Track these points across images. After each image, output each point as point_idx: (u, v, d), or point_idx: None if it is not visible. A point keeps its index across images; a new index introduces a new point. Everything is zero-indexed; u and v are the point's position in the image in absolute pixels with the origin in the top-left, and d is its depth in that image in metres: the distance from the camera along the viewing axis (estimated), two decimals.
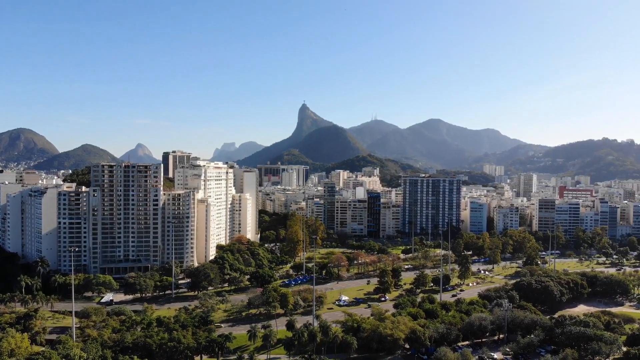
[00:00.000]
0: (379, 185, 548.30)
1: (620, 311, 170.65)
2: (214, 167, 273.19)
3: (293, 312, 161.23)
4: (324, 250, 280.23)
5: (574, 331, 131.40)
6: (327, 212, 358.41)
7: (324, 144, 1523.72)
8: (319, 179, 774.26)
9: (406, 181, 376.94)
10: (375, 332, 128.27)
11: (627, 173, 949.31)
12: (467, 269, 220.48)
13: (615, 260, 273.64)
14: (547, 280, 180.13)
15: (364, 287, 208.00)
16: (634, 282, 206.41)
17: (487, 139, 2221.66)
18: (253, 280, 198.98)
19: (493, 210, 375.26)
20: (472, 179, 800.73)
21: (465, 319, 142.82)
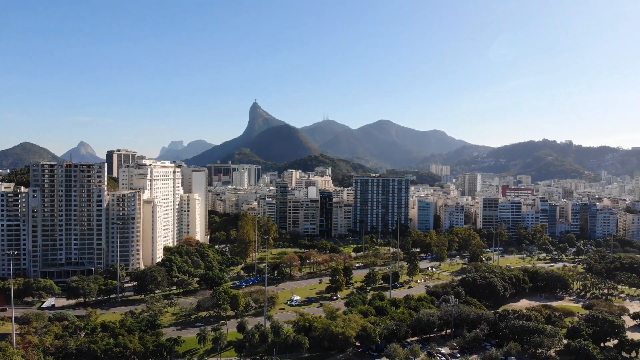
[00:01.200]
0: (331, 185, 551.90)
1: (561, 305, 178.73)
2: (160, 166, 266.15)
3: (244, 314, 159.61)
4: (276, 251, 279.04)
5: (517, 325, 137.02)
6: (280, 212, 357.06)
7: (276, 143, 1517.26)
8: (271, 178, 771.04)
9: (357, 181, 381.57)
10: (326, 331, 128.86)
11: (565, 173, 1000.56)
12: (415, 266, 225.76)
13: (555, 256, 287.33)
14: (491, 276, 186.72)
15: (316, 286, 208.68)
16: (573, 277, 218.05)
17: (434, 140, 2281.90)
18: (202, 283, 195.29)
19: (440, 209, 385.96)
20: (420, 179, 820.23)
21: (414, 315, 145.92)
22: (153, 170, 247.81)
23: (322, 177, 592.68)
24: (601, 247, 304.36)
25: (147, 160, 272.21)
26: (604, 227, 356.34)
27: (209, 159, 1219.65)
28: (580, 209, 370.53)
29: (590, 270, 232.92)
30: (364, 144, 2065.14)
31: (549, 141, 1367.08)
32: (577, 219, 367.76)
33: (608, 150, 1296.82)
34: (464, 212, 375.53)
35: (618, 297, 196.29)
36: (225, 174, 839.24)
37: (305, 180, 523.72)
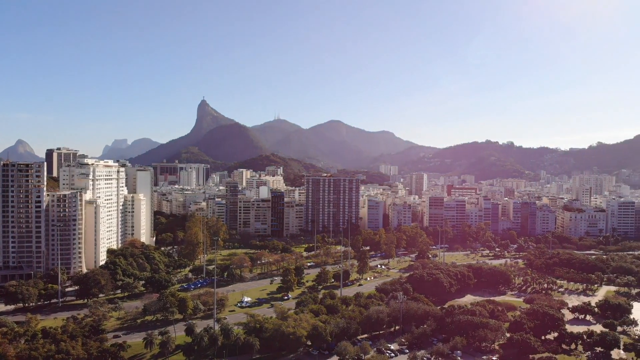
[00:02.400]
0: (282, 185, 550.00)
1: (503, 300, 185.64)
2: (103, 165, 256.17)
3: (193, 317, 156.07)
4: (226, 252, 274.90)
5: (462, 320, 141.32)
6: (230, 212, 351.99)
7: (226, 142, 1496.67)
8: (220, 178, 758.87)
9: (309, 180, 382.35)
10: (277, 332, 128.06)
11: (507, 172, 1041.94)
12: (365, 264, 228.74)
13: (497, 253, 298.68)
14: (438, 273, 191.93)
15: (267, 287, 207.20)
16: (515, 273, 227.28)
17: (383, 141, 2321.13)
18: (148, 286, 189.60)
19: (388, 208, 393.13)
20: (370, 178, 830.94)
21: (364, 312, 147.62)
22: (95, 169, 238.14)
23: (274, 177, 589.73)
24: (541, 243, 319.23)
25: (89, 159, 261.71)
26: (543, 224, 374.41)
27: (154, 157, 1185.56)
28: (521, 207, 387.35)
29: (530, 266, 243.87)
30: (315, 144, 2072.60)
31: (492, 142, 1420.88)
32: (518, 217, 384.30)
33: (547, 151, 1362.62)
34: (412, 211, 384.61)
35: (557, 291, 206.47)
36: (172, 174, 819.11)
37: (256, 179, 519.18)
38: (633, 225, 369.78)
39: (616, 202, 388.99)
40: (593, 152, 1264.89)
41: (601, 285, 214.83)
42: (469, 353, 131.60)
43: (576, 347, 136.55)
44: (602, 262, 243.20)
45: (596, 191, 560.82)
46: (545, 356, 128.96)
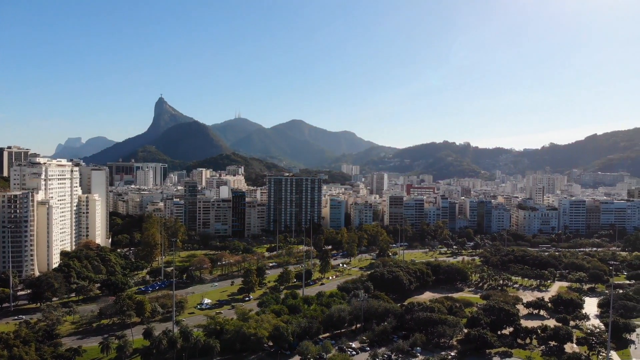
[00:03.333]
0: (243, 184, 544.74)
1: (461, 296, 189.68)
2: (56, 164, 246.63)
3: (151, 320, 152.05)
4: (184, 253, 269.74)
5: (421, 317, 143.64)
6: (189, 213, 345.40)
7: (184, 140, 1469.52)
8: (178, 177, 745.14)
9: (271, 180, 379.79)
10: (238, 333, 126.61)
11: (464, 172, 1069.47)
12: (327, 263, 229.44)
13: (455, 250, 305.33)
14: (398, 271, 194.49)
15: (228, 288, 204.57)
16: (472, 270, 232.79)
17: (345, 141, 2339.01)
18: (104, 289, 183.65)
19: (350, 207, 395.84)
20: (332, 178, 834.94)
21: (326, 311, 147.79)
22: (48, 169, 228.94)
23: (235, 177, 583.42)
24: (496, 241, 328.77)
25: (42, 158, 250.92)
26: (499, 222, 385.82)
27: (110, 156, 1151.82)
28: (477, 206, 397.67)
29: (486, 263, 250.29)
30: (277, 143, 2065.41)
31: (449, 143, 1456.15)
32: (474, 215, 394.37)
33: (502, 152, 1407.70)
34: (373, 210, 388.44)
35: (512, 287, 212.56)
36: (128, 173, 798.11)
37: (216, 179, 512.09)
38: (584, 223, 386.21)
39: (568, 200, 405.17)
40: (546, 152, 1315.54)
41: (554, 281, 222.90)
42: (428, 349, 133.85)
43: (531, 342, 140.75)
44: (554, 258, 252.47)
45: (549, 190, 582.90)
46: (501, 351, 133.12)
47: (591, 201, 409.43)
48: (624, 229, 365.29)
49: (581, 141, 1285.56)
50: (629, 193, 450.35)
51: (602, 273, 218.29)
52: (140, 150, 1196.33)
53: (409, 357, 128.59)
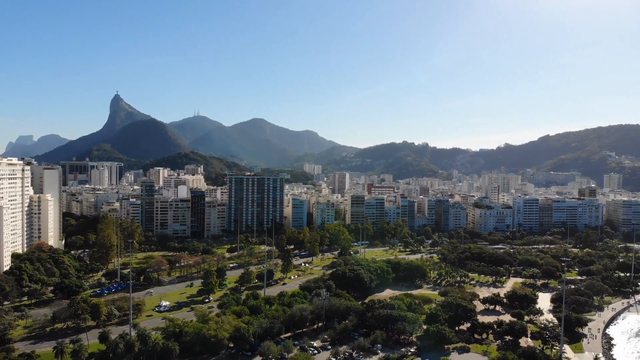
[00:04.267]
0: (203, 184, 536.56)
1: (420, 293, 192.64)
2: (6, 163, 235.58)
3: (107, 323, 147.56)
4: (142, 255, 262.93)
5: (382, 314, 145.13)
6: (146, 213, 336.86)
7: (141, 139, 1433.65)
8: (135, 177, 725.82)
9: (232, 179, 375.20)
10: (198, 335, 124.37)
11: (422, 172, 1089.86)
12: (289, 263, 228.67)
13: (414, 248, 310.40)
14: (359, 269, 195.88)
15: (187, 290, 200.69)
16: (430, 267, 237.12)
17: (307, 140, 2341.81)
18: (58, 292, 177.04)
19: (313, 206, 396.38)
20: (294, 177, 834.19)
21: (287, 311, 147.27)
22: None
23: (194, 176, 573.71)
24: (453, 238, 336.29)
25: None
26: (456, 220, 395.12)
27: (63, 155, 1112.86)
28: (435, 205, 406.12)
29: (444, 260, 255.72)
30: (238, 142, 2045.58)
31: (408, 143, 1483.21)
32: (432, 214, 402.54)
33: (459, 152, 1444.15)
34: (335, 209, 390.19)
35: (469, 283, 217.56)
36: (82, 172, 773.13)
37: (174, 178, 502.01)
38: (537, 221, 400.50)
39: (522, 199, 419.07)
40: (501, 152, 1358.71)
41: (509, 278, 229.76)
42: (388, 346, 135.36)
43: (487, 336, 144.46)
44: (509, 255, 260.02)
45: (503, 189, 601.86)
46: (459, 346, 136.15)
47: (544, 200, 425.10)
48: (575, 226, 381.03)
49: (535, 142, 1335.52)
50: (580, 192, 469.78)
51: (555, 269, 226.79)
52: (95, 149, 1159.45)
53: (370, 355, 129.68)
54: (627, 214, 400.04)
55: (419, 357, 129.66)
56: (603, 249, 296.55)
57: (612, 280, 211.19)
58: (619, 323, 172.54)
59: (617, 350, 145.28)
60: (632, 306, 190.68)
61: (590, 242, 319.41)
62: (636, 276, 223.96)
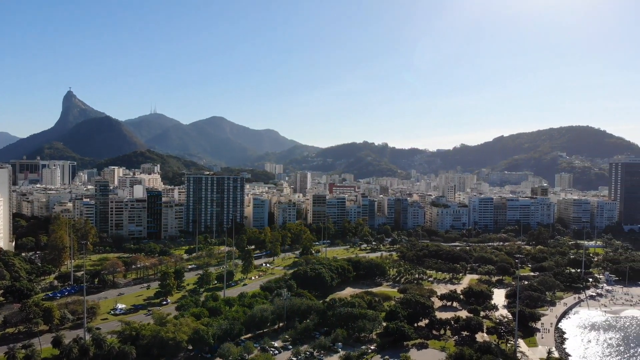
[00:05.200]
0: (160, 183, 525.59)
1: (380, 291, 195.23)
2: None
3: (60, 327, 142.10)
4: (96, 257, 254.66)
5: (342, 312, 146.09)
6: (100, 214, 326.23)
7: (95, 137, 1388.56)
8: (89, 176, 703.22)
9: (190, 179, 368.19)
10: (156, 338, 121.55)
11: (382, 171, 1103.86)
12: (250, 263, 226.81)
13: (374, 247, 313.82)
14: (320, 268, 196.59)
15: (144, 292, 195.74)
16: (390, 265, 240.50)
17: (268, 139, 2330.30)
18: (8, 295, 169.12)
19: (274, 206, 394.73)
20: (255, 177, 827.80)
21: (248, 312, 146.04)
22: None
23: (150, 175, 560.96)
24: (412, 236, 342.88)
25: None
26: (414, 219, 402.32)
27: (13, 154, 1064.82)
28: (394, 204, 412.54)
29: (403, 258, 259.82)
30: (196, 141, 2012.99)
31: (369, 143, 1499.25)
32: (392, 212, 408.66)
33: (417, 152, 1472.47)
34: (296, 209, 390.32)
35: (427, 280, 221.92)
36: (33, 171, 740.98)
37: (130, 178, 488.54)
38: (492, 219, 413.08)
39: (477, 198, 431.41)
40: (457, 152, 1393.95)
41: (465, 274, 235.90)
42: (349, 344, 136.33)
43: (445, 332, 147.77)
44: (465, 253, 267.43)
45: (460, 188, 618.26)
46: (418, 342, 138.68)
47: (498, 199, 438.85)
48: (528, 224, 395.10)
49: (489, 142, 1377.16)
50: (533, 191, 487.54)
51: (509, 266, 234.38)
52: (46, 147, 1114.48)
53: (331, 353, 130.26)
54: (577, 212, 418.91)
55: (379, 354, 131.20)
56: (555, 246, 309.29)
57: (564, 276, 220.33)
58: (571, 317, 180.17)
59: (569, 344, 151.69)
60: (583, 301, 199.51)
61: (543, 239, 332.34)
62: (586, 272, 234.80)
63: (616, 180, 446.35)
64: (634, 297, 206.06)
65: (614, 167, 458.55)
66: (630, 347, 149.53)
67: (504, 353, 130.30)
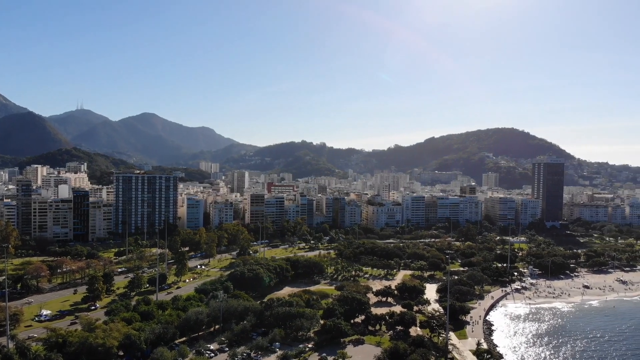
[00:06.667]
0: (87, 183, 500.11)
1: (318, 289, 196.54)
2: None
3: None
4: (18, 261, 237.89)
5: (280, 312, 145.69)
6: (22, 215, 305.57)
7: (16, 134, 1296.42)
8: (10, 175, 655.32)
9: (119, 178, 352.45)
10: (84, 345, 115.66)
11: (320, 171, 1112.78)
12: (184, 266, 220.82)
13: (312, 245, 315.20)
14: (258, 268, 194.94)
15: (71, 297, 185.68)
16: (328, 263, 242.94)
17: (203, 137, 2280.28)
18: None
19: (209, 206, 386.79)
20: (189, 176, 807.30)
21: (182, 315, 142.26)
22: None
23: (76, 174, 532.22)
24: (349, 234, 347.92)
25: None
26: (351, 217, 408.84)
27: None
28: (332, 203, 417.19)
29: (341, 256, 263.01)
30: (126, 138, 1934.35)
31: (307, 142, 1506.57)
32: (330, 211, 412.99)
33: (354, 152, 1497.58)
34: (233, 209, 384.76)
35: (363, 277, 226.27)
36: None
37: (54, 177, 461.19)
38: (423, 217, 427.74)
39: (410, 197, 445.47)
40: (391, 153, 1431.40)
41: (399, 270, 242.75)
42: (287, 343, 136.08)
43: (380, 328, 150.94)
44: (399, 249, 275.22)
45: (394, 187, 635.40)
46: (355, 338, 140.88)
47: (429, 197, 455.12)
48: (458, 221, 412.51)
49: (421, 143, 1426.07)
50: (462, 190, 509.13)
51: (440, 261, 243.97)
52: None
53: (269, 353, 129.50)
54: (503, 210, 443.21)
55: (316, 352, 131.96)
56: (482, 242, 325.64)
57: (491, 270, 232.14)
58: (498, 310, 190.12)
59: (496, 335, 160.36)
60: (509, 294, 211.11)
61: (471, 235, 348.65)
62: (512, 266, 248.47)
63: (539, 179, 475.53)
64: (556, 290, 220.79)
65: (536, 167, 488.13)
66: (552, 337, 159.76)
67: (436, 346, 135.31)
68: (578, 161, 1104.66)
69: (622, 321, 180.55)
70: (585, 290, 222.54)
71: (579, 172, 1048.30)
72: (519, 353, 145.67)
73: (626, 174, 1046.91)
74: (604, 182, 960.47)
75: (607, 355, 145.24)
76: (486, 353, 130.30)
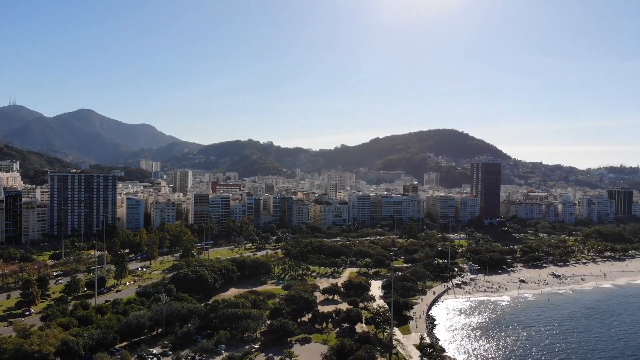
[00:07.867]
0: (20, 182, 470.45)
1: (265, 289, 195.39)
2: None
3: None
4: None
5: (226, 313, 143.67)
6: None
7: None
8: None
9: (54, 177, 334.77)
10: (19, 352, 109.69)
11: (267, 170, 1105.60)
12: (123, 268, 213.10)
13: (259, 245, 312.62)
14: (202, 270, 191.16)
15: (4, 302, 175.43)
16: (275, 262, 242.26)
17: (144, 135, 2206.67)
18: None
19: (150, 206, 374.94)
20: (129, 175, 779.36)
21: (122, 319, 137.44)
22: None
23: (8, 173, 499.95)
24: (297, 234, 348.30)
25: None
26: (299, 216, 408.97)
27: None
28: (280, 202, 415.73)
29: (288, 255, 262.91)
30: (62, 135, 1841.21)
31: (254, 141, 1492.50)
32: (277, 211, 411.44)
33: (301, 151, 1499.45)
34: (176, 209, 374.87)
35: (311, 276, 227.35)
36: None
37: None
38: (369, 215, 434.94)
39: (356, 195, 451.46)
40: (338, 152, 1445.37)
41: (345, 268, 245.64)
42: (232, 345, 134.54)
43: (327, 325, 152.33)
44: (346, 247, 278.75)
45: (340, 187, 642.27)
46: (301, 337, 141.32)
47: (375, 196, 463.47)
48: (401, 219, 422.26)
49: (367, 143, 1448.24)
50: (405, 189, 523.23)
51: (385, 258, 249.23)
52: None
53: (214, 356, 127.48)
54: (444, 208, 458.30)
55: (262, 352, 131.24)
56: (425, 239, 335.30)
57: (433, 266, 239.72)
58: (440, 305, 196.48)
59: (438, 329, 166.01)
60: (450, 289, 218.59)
61: (414, 233, 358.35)
62: (452, 262, 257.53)
63: (477, 178, 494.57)
64: (494, 285, 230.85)
65: (475, 167, 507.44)
66: (490, 329, 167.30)
67: (381, 342, 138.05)
68: (514, 161, 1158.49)
69: (555, 312, 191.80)
70: (521, 284, 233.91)
71: (515, 171, 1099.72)
72: (460, 345, 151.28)
73: (559, 174, 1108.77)
74: (538, 181, 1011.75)
75: (540, 343, 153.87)
76: (429, 347, 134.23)
